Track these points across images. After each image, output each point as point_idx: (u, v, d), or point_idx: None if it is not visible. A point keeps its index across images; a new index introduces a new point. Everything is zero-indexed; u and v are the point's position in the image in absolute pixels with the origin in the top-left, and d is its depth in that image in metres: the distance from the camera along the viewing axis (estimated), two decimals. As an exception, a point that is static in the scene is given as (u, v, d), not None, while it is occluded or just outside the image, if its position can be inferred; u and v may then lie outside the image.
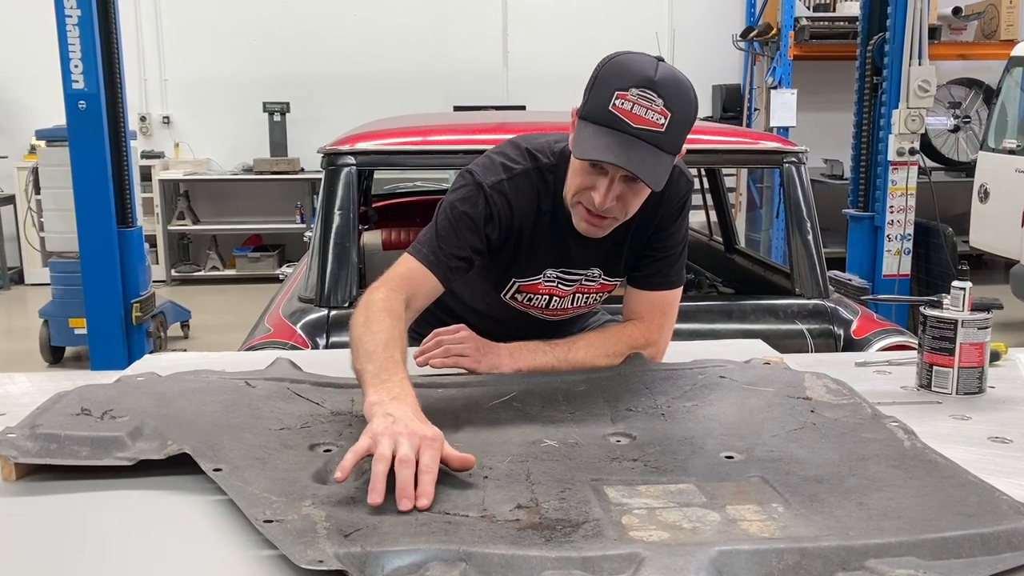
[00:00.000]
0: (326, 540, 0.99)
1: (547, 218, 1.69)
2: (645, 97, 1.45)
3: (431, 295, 1.62)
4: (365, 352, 1.39)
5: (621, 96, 1.45)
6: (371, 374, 1.34)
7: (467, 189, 1.65)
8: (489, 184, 1.63)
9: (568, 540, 1.00)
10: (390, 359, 1.37)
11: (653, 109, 1.45)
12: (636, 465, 1.24)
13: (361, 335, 1.43)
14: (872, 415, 1.41)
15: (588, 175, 1.54)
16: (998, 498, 1.10)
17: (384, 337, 1.42)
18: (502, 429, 1.38)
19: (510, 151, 1.70)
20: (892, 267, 4.24)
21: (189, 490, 1.20)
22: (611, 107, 1.46)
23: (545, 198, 1.68)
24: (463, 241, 1.62)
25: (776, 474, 1.20)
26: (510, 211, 1.65)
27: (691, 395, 1.53)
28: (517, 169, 1.66)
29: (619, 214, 1.58)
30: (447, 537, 1.01)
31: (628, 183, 1.52)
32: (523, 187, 1.66)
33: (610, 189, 1.52)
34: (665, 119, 1.45)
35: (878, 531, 1.02)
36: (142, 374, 1.59)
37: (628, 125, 1.45)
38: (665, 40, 8.35)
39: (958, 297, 1.60)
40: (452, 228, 1.62)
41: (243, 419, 1.39)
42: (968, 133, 7.54)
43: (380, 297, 1.52)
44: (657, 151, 1.47)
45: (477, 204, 1.63)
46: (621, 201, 1.55)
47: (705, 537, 1.01)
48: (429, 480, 1.13)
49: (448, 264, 1.61)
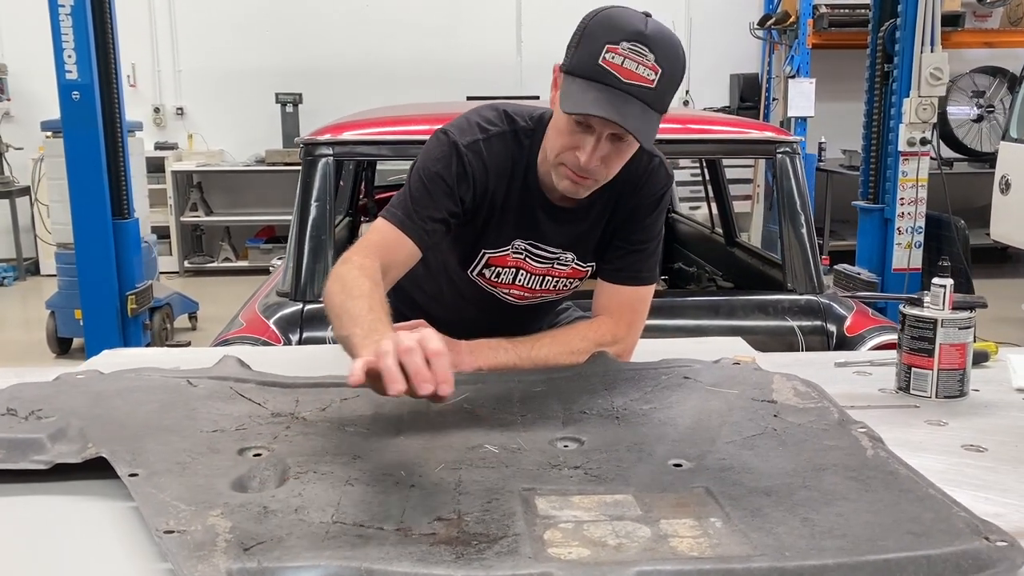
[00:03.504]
0: (223, 554, 0.93)
1: (520, 184, 1.62)
2: (636, 51, 1.39)
3: (407, 262, 1.56)
4: (350, 317, 1.32)
5: (612, 50, 1.39)
6: (360, 337, 1.26)
7: (440, 148, 1.58)
8: (464, 143, 1.57)
9: (479, 558, 0.94)
10: (378, 320, 1.30)
11: (645, 64, 1.39)
12: (576, 473, 1.17)
13: (342, 302, 1.37)
14: (838, 421, 1.33)
15: (573, 134, 1.47)
16: (954, 515, 1.01)
17: (367, 302, 1.35)
18: (445, 433, 1.32)
19: (487, 112, 1.63)
20: (902, 261, 4.12)
21: (107, 495, 1.15)
22: (601, 61, 1.39)
23: (520, 163, 1.61)
24: (438, 203, 1.55)
25: (722, 485, 1.12)
26: (485, 173, 1.58)
27: (650, 397, 1.45)
28: (493, 130, 1.60)
29: (601, 175, 1.52)
30: (352, 552, 0.95)
31: (614, 142, 1.46)
32: (498, 149, 1.60)
33: (596, 148, 1.45)
34: (656, 75, 1.39)
35: (816, 551, 0.94)
36: (83, 371, 1.54)
37: (618, 80, 1.39)
38: (682, 28, 8.23)
39: (938, 295, 1.51)
40: (426, 190, 1.56)
41: (176, 420, 1.33)
42: (992, 123, 7.34)
43: (356, 263, 1.46)
44: (647, 108, 1.41)
45: (451, 164, 1.56)
46: (605, 162, 1.49)
47: (627, 555, 0.94)
48: (443, 364, 1.09)
49: (423, 227, 1.54)
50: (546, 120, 1.56)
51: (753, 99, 8.05)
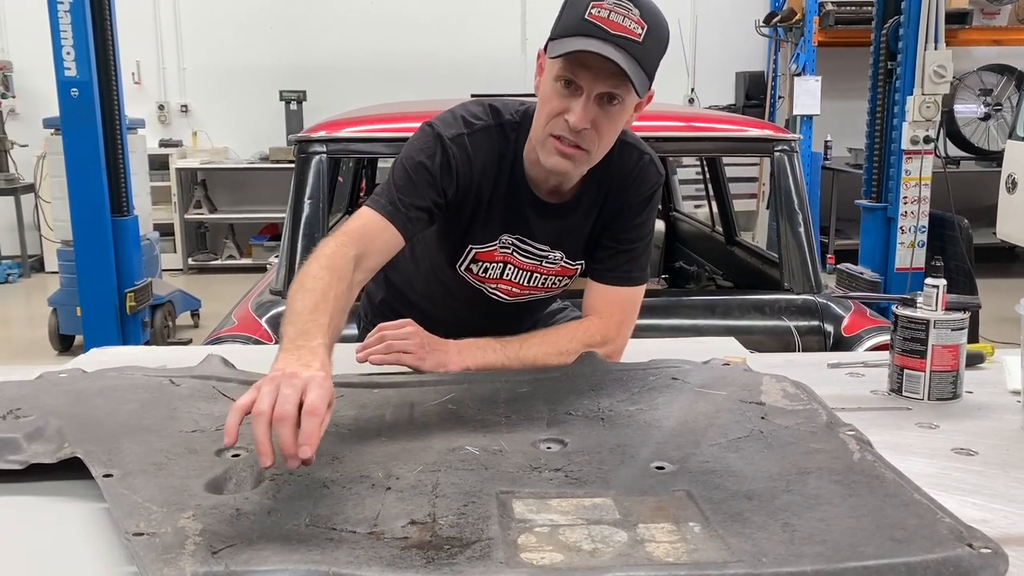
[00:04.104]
0: (190, 557, 0.92)
1: (506, 179, 1.60)
2: (622, 5, 1.38)
3: (388, 250, 1.53)
4: (291, 313, 1.30)
5: (597, 5, 1.38)
6: (288, 339, 1.24)
7: (425, 140, 1.56)
8: (449, 136, 1.55)
9: (451, 562, 0.92)
10: (314, 322, 1.26)
11: (630, 17, 1.38)
12: (556, 476, 1.15)
13: (293, 293, 1.34)
14: (827, 423, 1.31)
15: (561, 98, 1.45)
16: (939, 521, 0.99)
17: (315, 298, 1.31)
18: (427, 434, 1.30)
19: (473, 107, 1.62)
20: (905, 260, 4.08)
21: (81, 496, 1.14)
22: (587, 15, 1.38)
23: (506, 156, 1.59)
24: (422, 192, 1.53)
25: (704, 488, 1.10)
26: (469, 166, 1.56)
27: (637, 398, 1.44)
28: (478, 125, 1.58)
29: (591, 145, 1.48)
30: (322, 556, 0.93)
31: (603, 106, 1.44)
32: (484, 143, 1.58)
33: (586, 108, 1.43)
34: (642, 29, 1.39)
35: (794, 558, 0.92)
36: (66, 370, 1.53)
37: (606, 31, 1.38)
38: (688, 26, 8.19)
39: (931, 295, 1.49)
40: (410, 179, 1.54)
41: (156, 420, 1.32)
42: (999, 121, 7.28)
43: (326, 252, 1.42)
44: (635, 62, 1.39)
45: (435, 155, 1.54)
46: (595, 127, 1.46)
47: (601, 561, 0.92)
48: (314, 424, 1.04)
49: (407, 214, 1.52)
50: (531, 113, 1.54)
51: (759, 97, 8.00)
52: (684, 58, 7.98)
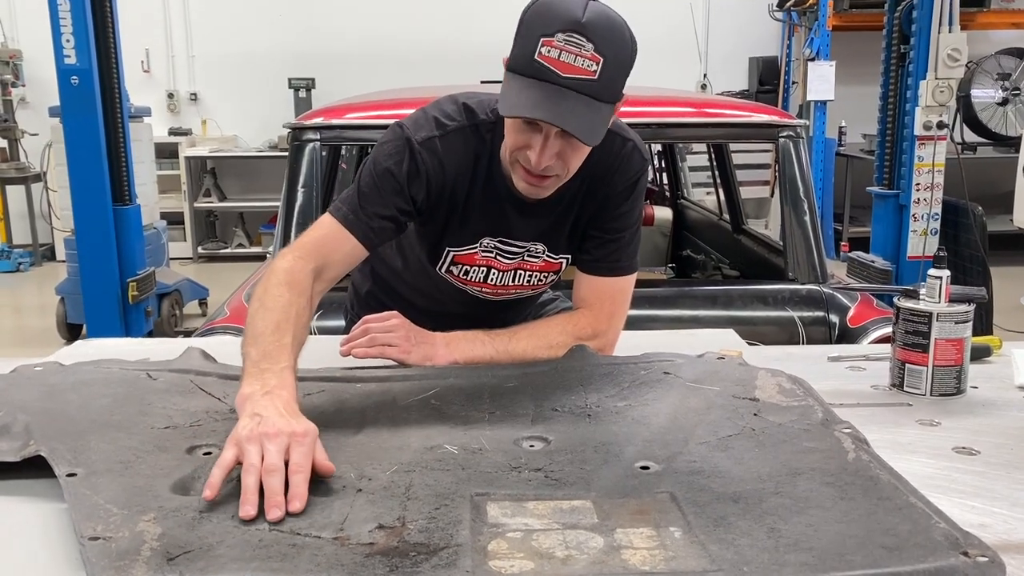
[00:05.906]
0: (144, 564, 0.88)
1: (483, 181, 1.54)
2: (572, 42, 1.30)
3: (350, 261, 1.48)
4: (252, 334, 1.27)
5: (547, 43, 1.31)
6: (252, 361, 1.22)
7: (393, 144, 1.50)
8: (419, 140, 1.49)
9: (415, 570, 0.88)
10: (277, 344, 1.24)
11: (583, 55, 1.30)
12: (535, 476, 1.11)
13: (254, 312, 1.30)
14: (822, 420, 1.26)
15: (522, 133, 1.40)
16: (933, 527, 0.94)
17: (276, 317, 1.28)
18: (405, 432, 1.26)
19: (446, 106, 1.55)
20: (918, 248, 4.00)
21: (44, 496, 1.10)
22: (537, 56, 1.31)
23: (482, 158, 1.53)
24: (386, 200, 1.47)
25: (689, 490, 1.05)
26: (441, 171, 1.50)
27: (627, 394, 1.39)
28: (451, 126, 1.52)
29: (560, 171, 1.44)
30: (282, 563, 0.89)
31: (566, 138, 1.38)
32: (457, 145, 1.51)
33: (545, 147, 1.38)
34: (597, 65, 1.31)
35: (777, 566, 0.87)
36: (42, 364, 1.49)
37: (556, 75, 1.31)
38: (700, 11, 8.10)
39: (934, 287, 1.43)
40: (375, 187, 1.48)
41: (127, 416, 1.28)
42: (1018, 106, 7.14)
43: (284, 267, 1.38)
44: (591, 101, 1.33)
45: (402, 161, 1.48)
46: (561, 158, 1.41)
47: (575, 568, 0.88)
48: (301, 480, 1.03)
49: (370, 224, 1.46)
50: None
51: (772, 83, 7.90)
52: (696, 43, 7.89)
